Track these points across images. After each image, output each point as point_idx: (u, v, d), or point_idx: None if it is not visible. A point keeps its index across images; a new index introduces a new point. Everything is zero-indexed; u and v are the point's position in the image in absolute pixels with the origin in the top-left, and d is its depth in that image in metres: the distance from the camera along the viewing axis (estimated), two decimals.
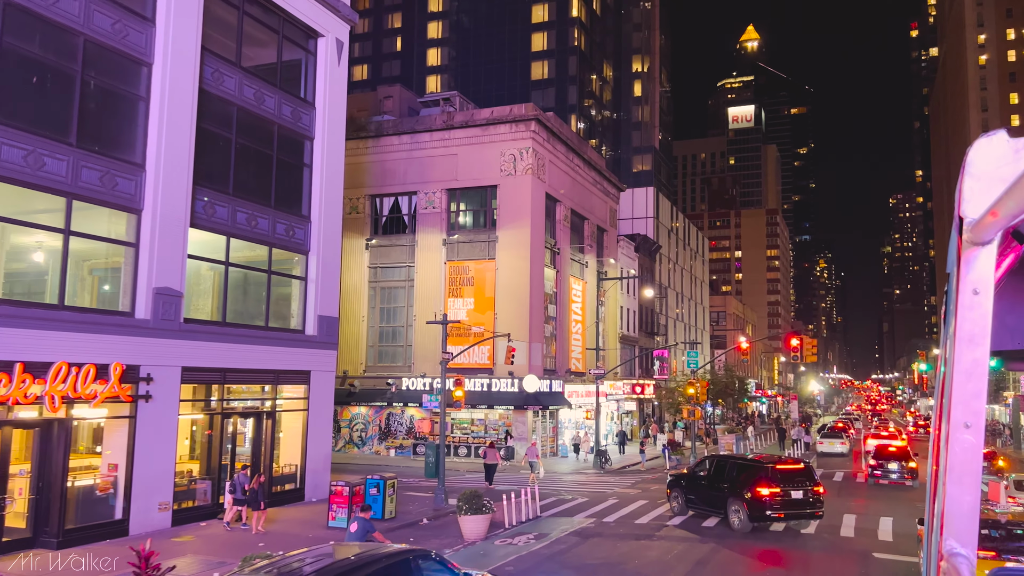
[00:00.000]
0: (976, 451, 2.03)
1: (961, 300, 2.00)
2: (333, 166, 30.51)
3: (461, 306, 49.64)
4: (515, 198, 48.68)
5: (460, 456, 47.02)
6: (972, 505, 2.07)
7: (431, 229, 50.11)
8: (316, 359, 28.78)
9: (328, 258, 29.94)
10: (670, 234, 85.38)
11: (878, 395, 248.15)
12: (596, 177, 60.78)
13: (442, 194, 50.50)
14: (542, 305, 50.11)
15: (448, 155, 50.45)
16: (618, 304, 65.56)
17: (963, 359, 2.00)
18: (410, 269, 51.19)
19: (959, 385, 2.01)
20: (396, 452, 49.26)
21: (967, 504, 2.06)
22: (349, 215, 52.70)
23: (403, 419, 50.14)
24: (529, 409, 46.54)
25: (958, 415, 2.01)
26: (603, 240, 63.07)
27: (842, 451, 53.18)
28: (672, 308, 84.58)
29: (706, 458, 25.61)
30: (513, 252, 48.30)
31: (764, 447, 60.48)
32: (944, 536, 2.10)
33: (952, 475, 2.06)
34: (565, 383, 51.57)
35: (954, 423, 2.02)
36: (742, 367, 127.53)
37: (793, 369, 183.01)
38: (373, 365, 51.75)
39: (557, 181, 53.08)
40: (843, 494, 32.65)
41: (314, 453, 28.64)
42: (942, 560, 2.10)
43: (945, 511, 2.09)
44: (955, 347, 2.01)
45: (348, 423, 51.59)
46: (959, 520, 2.08)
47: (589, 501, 29.83)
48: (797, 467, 22.97)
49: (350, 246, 52.47)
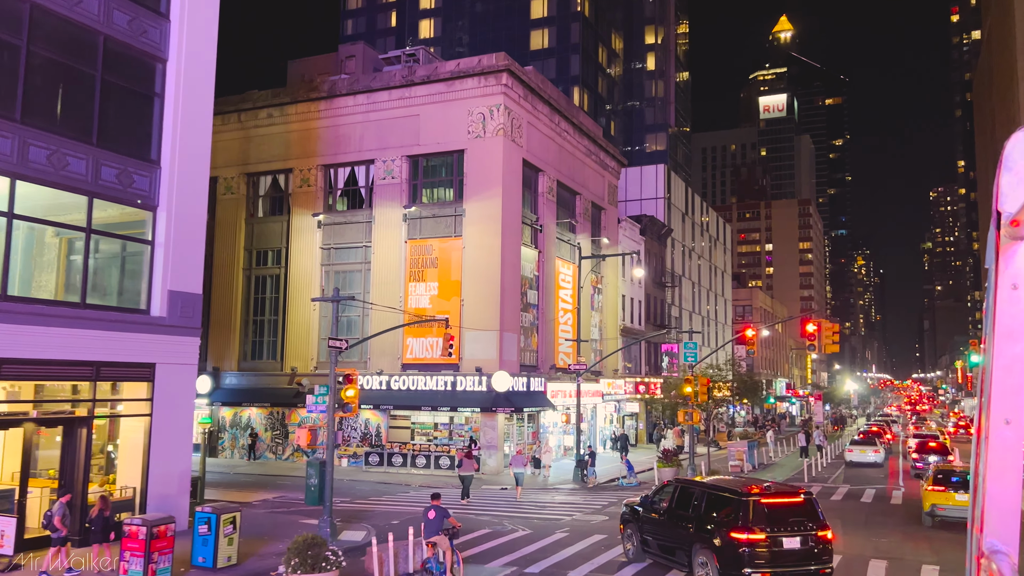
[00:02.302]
0: (1016, 448, 2.05)
1: (1000, 295, 2.07)
2: (198, 101, 23.58)
3: (423, 291, 42.58)
4: (484, 164, 41.51)
5: (418, 467, 39.93)
6: (1013, 503, 2.07)
7: (390, 203, 43.11)
8: (165, 348, 21.83)
9: (187, 217, 23.01)
10: (684, 217, 77.53)
11: (919, 395, 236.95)
12: (590, 147, 53.35)
13: (402, 162, 43.47)
14: (518, 290, 42.86)
15: (409, 116, 43.41)
16: (619, 292, 58.03)
17: (1003, 354, 2.04)
18: (367, 250, 44.23)
19: (999, 381, 2.05)
20: (349, 462, 42.31)
21: (1008, 502, 2.07)
22: (300, 188, 46.02)
23: (357, 424, 43.18)
24: (499, 412, 39.33)
25: (998, 411, 2.04)
26: (600, 220, 55.62)
27: (875, 460, 45.20)
28: (686, 299, 76.74)
29: (670, 482, 18.20)
30: (482, 227, 41.14)
31: (782, 457, 52.57)
32: (984, 534, 2.10)
33: (992, 472, 2.07)
34: (548, 381, 44.30)
35: (994, 419, 2.04)
36: (772, 365, 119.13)
37: (827, 368, 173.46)
38: (326, 361, 44.74)
39: (539, 147, 45.78)
40: (871, 524, 24.98)
41: (162, 472, 21.69)
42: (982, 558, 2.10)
43: (985, 508, 2.09)
44: (994, 342, 2.06)
45: (296, 428, 44.71)
46: (999, 518, 2.09)
47: (532, 535, 22.59)
48: (793, 500, 15.51)
49: (300, 224, 45.72)
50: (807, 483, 36.13)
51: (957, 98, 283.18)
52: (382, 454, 40.79)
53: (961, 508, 23.76)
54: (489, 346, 40.34)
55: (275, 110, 46.90)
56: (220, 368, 46.88)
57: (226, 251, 47.68)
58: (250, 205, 48.31)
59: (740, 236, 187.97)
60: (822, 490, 33.56)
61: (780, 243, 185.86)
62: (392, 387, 41.62)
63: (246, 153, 47.73)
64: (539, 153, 45.81)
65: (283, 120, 46.73)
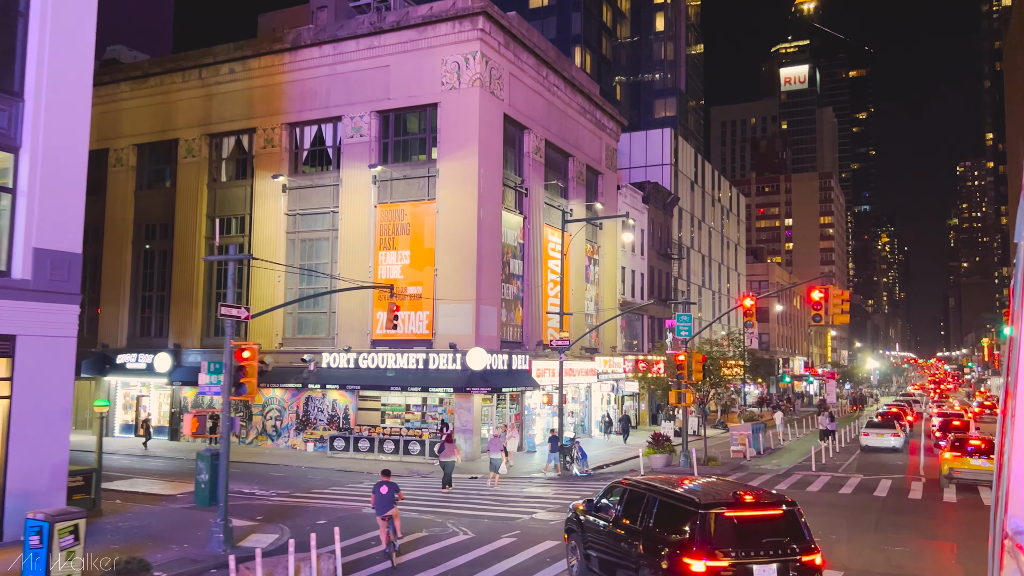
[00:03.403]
0: None
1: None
2: (75, 18, 19.73)
3: (395, 260, 38.81)
4: (459, 119, 37.54)
5: (386, 453, 36.30)
6: None
7: (359, 164, 39.27)
8: (29, 317, 18.21)
9: (60, 160, 19.36)
10: (694, 186, 73.08)
11: (943, 374, 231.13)
12: (584, 104, 49.14)
13: (371, 118, 39.58)
14: (498, 259, 38.98)
15: (378, 68, 39.46)
16: (618, 264, 53.96)
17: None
18: (335, 216, 40.48)
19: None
20: (315, 446, 38.82)
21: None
22: (263, 149, 42.27)
23: (324, 405, 39.63)
24: (475, 392, 35.58)
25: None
26: (597, 185, 51.49)
27: (894, 445, 41.03)
28: (695, 273, 72.45)
29: (617, 484, 14.29)
30: (457, 189, 37.25)
31: (792, 441, 48.54)
32: (1008, 515, 2.08)
33: (1018, 451, 2.05)
34: (534, 359, 40.49)
35: (1020, 398, 2.05)
36: (789, 343, 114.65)
37: (848, 346, 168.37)
38: (292, 337, 41.29)
39: (523, 102, 41.71)
40: (884, 526, 21.03)
41: (26, 465, 18.15)
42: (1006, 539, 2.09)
43: (1010, 489, 2.10)
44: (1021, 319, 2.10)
45: (261, 410, 41.26)
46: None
47: (472, 541, 18.88)
48: (770, 512, 11.59)
49: (264, 189, 42.02)
50: (815, 471, 32.15)
51: (986, 68, 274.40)
52: (348, 438, 37.23)
53: (974, 471, 27.40)
54: (465, 320, 36.56)
55: (237, 64, 43.08)
56: (182, 345, 43.43)
57: (188, 219, 44.10)
58: (213, 169, 44.64)
59: (759, 211, 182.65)
60: (830, 481, 29.58)
61: (800, 218, 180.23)
62: (360, 365, 37.99)
63: (208, 112, 44.00)
64: (524, 108, 41.74)
65: (246, 75, 42.92)
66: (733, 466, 34.09)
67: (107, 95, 46.96)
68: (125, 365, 44.13)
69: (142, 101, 46.07)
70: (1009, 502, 2.47)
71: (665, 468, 32.48)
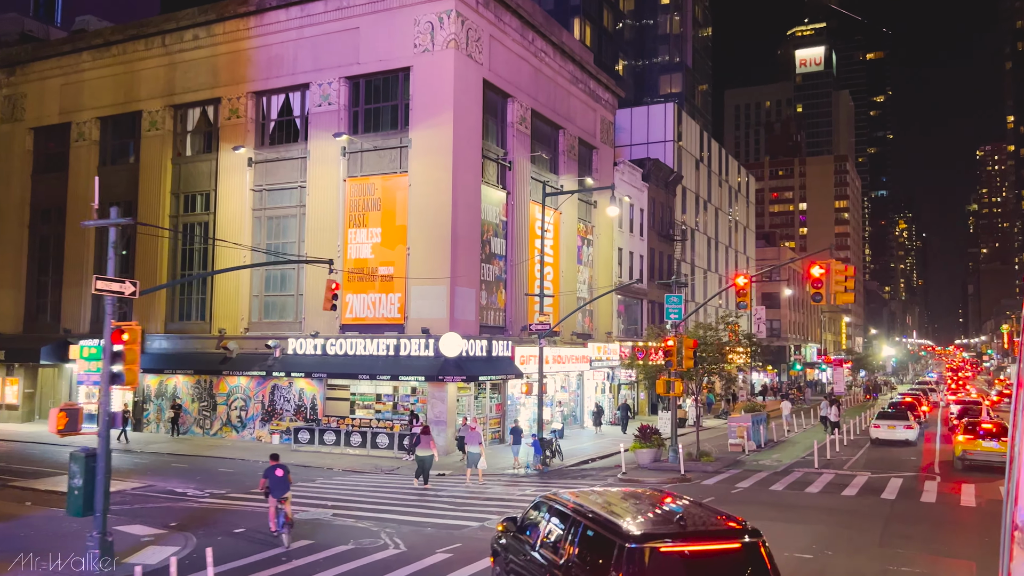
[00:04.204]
0: None
1: None
2: None
3: (365, 239, 35.99)
4: (433, 84, 34.58)
5: (352, 446, 33.52)
6: None
7: (327, 134, 36.39)
8: None
9: None
10: (699, 165, 69.72)
11: (961, 361, 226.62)
12: (576, 73, 46.00)
13: (340, 85, 36.69)
14: (477, 236, 36.07)
15: (348, 30, 36.55)
16: (614, 244, 50.89)
17: None
18: (302, 191, 37.67)
19: None
20: (281, 438, 36.14)
21: None
22: (228, 121, 39.51)
23: (291, 394, 36.93)
24: (448, 381, 32.75)
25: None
26: (591, 160, 48.43)
27: (907, 438, 37.84)
28: (700, 256, 69.21)
29: (545, 500, 11.33)
30: (430, 160, 34.34)
31: (799, 432, 45.58)
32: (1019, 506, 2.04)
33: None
34: (518, 345, 37.59)
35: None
36: (801, 329, 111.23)
37: (864, 333, 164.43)
38: (258, 322, 38.58)
39: (506, 68, 38.69)
40: (891, 538, 18.03)
41: None
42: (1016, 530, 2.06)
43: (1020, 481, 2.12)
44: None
45: (225, 399, 38.61)
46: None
47: (402, 556, 16.11)
48: (722, 546, 8.58)
49: (229, 163, 39.29)
50: (817, 468, 29.11)
51: (1008, 49, 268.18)
52: (313, 430, 34.46)
53: (986, 453, 28.73)
54: (438, 303, 33.70)
55: (201, 30, 40.25)
56: (145, 330, 40.69)
57: (151, 196, 41.43)
58: (177, 143, 41.91)
59: (772, 195, 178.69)
60: (833, 480, 26.57)
61: (814, 202, 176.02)
62: (328, 352, 35.23)
63: (172, 82, 41.23)
64: (507, 75, 38.71)
65: (210, 42, 40.10)
66: (728, 462, 31.11)
67: (69, 65, 44.34)
68: None
69: (105, 71, 43.34)
70: (1020, 494, 2.48)
71: (652, 465, 29.56)
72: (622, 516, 9.13)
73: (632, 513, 9.37)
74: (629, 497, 10.51)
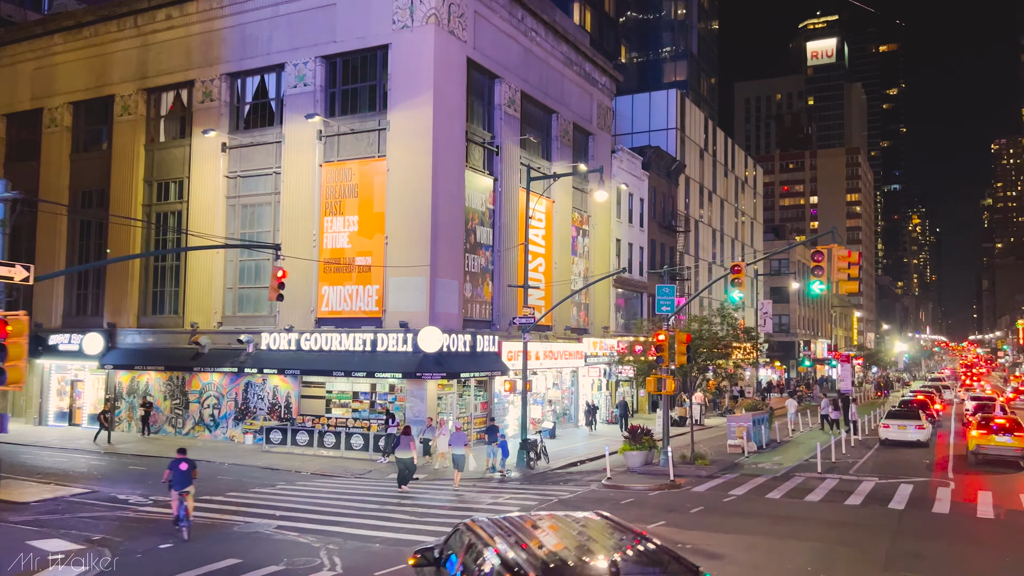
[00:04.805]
0: None
1: None
2: None
3: (342, 227, 33.98)
4: (412, 62, 32.54)
5: (326, 447, 31.54)
6: None
7: (303, 117, 34.28)
8: None
9: None
10: (703, 154, 67.39)
11: (975, 357, 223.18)
12: (571, 55, 43.85)
13: (316, 65, 34.69)
14: (460, 224, 34.03)
15: (324, 6, 34.57)
16: (612, 235, 48.76)
17: None
18: (278, 178, 35.70)
19: None
20: (255, 438, 34.17)
21: None
22: (202, 104, 37.60)
23: (264, 392, 34.99)
24: (427, 378, 30.72)
25: None
26: (587, 147, 46.27)
27: (918, 439, 35.57)
28: (704, 248, 66.90)
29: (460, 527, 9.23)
30: (409, 144, 32.30)
31: (804, 432, 43.45)
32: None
33: None
34: (505, 340, 35.52)
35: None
36: (811, 325, 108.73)
37: (876, 328, 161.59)
38: (232, 315, 36.66)
39: (493, 47, 36.61)
40: (896, 561, 15.86)
41: None
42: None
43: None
44: None
45: (198, 397, 36.72)
46: None
47: None
48: None
49: (203, 148, 37.38)
50: (820, 472, 26.90)
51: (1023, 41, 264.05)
52: (285, 430, 32.51)
53: (999, 448, 29.41)
54: (417, 295, 31.69)
55: (174, 9, 38.31)
56: (117, 325, 38.95)
57: (123, 184, 39.56)
58: (151, 128, 40.00)
59: (782, 188, 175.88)
60: (837, 487, 24.41)
61: (826, 195, 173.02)
62: (302, 347, 33.27)
63: (144, 65, 39.33)
64: (494, 54, 36.62)
65: (183, 21, 38.16)
66: (725, 465, 28.98)
67: (41, 48, 42.52)
68: (58, 347, 39.72)
69: (77, 54, 41.49)
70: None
71: (642, 468, 27.46)
72: (533, 552, 7.08)
73: (547, 546, 7.33)
74: (559, 526, 8.44)
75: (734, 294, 25.75)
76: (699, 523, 18.53)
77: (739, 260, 75.44)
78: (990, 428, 30.31)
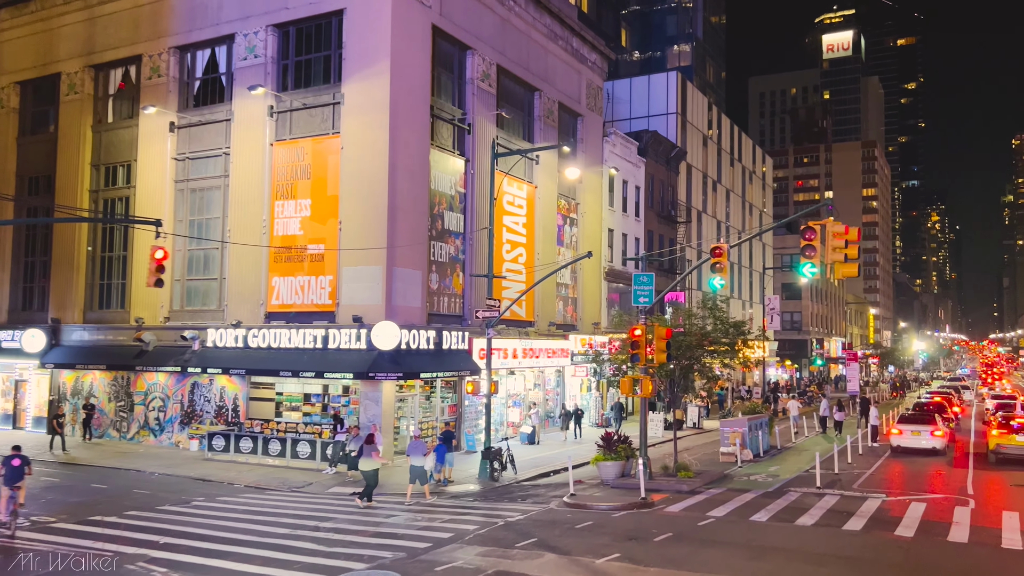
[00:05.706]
0: None
1: None
2: None
3: (293, 212, 30.86)
4: (368, 28, 29.39)
5: (271, 455, 28.38)
6: None
7: (253, 93, 31.18)
8: None
9: None
10: (707, 141, 63.89)
11: (996, 356, 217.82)
12: (556, 28, 40.58)
13: (268, 34, 31.60)
14: (424, 209, 30.84)
15: None
16: (604, 225, 45.43)
17: None
18: (227, 159, 32.63)
19: None
20: (200, 443, 31.05)
21: None
22: (150, 81, 34.63)
23: (212, 393, 31.93)
24: (382, 379, 27.55)
25: None
26: (575, 128, 42.98)
27: (933, 446, 31.96)
28: (707, 240, 63.44)
29: None
30: (365, 118, 29.17)
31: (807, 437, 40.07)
32: None
33: None
34: (476, 337, 32.29)
35: None
36: (824, 322, 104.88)
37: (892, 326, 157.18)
38: (180, 310, 33.64)
39: (464, 14, 33.41)
40: None
41: None
42: None
43: None
44: None
45: (143, 398, 33.72)
46: None
47: None
48: None
49: (150, 128, 34.41)
50: (819, 487, 23.40)
51: None
52: (229, 436, 29.40)
53: (1020, 447, 28.92)
54: (373, 287, 28.54)
55: None
56: (62, 320, 36.07)
57: (69, 168, 36.64)
58: (98, 108, 37.07)
59: (797, 183, 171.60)
60: (836, 505, 21.00)
61: (841, 189, 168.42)
62: (250, 344, 30.22)
63: (91, 40, 36.41)
64: (465, 22, 33.41)
65: None
66: (712, 477, 25.61)
67: None
68: (1, 344, 36.88)
69: (23, 30, 38.65)
70: None
71: (616, 481, 24.18)
72: None
73: None
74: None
75: (715, 281, 22.33)
76: (660, 557, 15.22)
77: (753, 258, 71.83)
78: (1010, 427, 29.91)
